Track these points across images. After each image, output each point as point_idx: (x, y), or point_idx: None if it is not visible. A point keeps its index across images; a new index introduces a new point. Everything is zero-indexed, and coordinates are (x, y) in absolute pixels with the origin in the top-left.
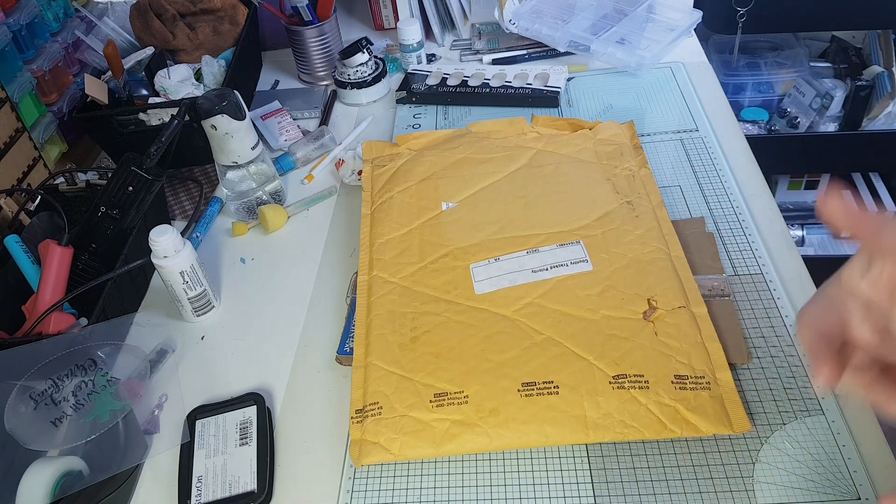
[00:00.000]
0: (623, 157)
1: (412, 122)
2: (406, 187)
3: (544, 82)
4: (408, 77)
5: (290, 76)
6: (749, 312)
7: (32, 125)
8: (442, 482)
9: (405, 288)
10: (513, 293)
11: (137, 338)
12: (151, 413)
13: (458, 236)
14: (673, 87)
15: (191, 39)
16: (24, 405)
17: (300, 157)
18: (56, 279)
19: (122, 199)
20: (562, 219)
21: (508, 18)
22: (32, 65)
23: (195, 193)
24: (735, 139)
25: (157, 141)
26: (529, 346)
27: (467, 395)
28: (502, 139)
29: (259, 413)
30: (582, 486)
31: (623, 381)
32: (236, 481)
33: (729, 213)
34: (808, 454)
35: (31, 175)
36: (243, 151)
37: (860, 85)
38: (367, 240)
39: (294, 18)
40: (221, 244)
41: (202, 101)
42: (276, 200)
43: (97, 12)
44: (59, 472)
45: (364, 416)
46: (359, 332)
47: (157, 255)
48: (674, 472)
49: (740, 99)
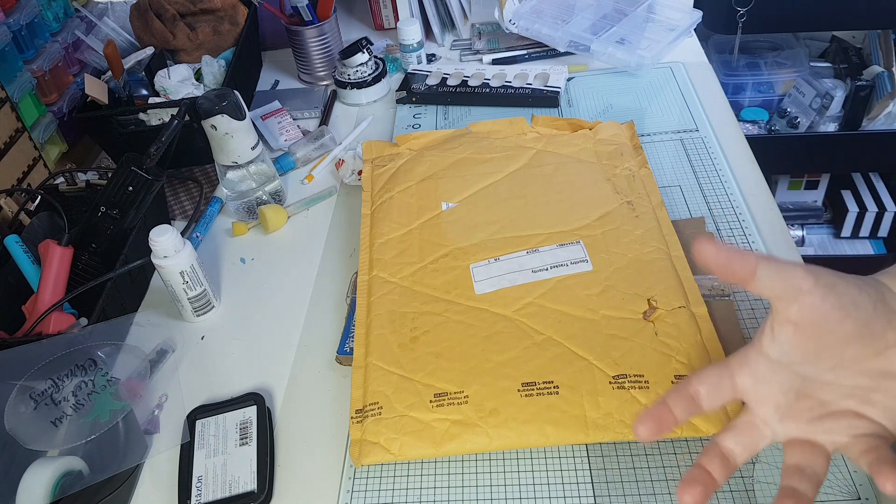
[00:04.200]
0: (623, 157)
1: (412, 122)
2: (406, 187)
3: (544, 82)
4: (408, 77)
5: (290, 76)
6: (749, 312)
7: (32, 125)
8: (442, 482)
9: (405, 288)
10: (513, 293)
11: (137, 338)
12: (151, 413)
13: (458, 236)
14: (673, 87)
15: (191, 39)
16: (24, 405)
17: (300, 157)
18: (56, 279)
19: (122, 199)
20: (562, 219)
21: (508, 18)
22: (32, 65)
23: (195, 193)
24: (735, 139)
25: (157, 141)
26: (529, 346)
27: (467, 395)
28: (502, 139)
29: (259, 413)
30: (582, 486)
31: (623, 381)
32: (236, 481)
33: (729, 213)
34: None
35: (31, 175)
36: (243, 151)
37: (860, 85)
38: (367, 240)
39: (294, 18)
40: (221, 244)
41: (202, 101)
42: (276, 200)
43: (97, 12)
44: (59, 472)
45: (364, 416)
46: (359, 332)
47: (157, 255)
48: (674, 472)
49: (740, 99)
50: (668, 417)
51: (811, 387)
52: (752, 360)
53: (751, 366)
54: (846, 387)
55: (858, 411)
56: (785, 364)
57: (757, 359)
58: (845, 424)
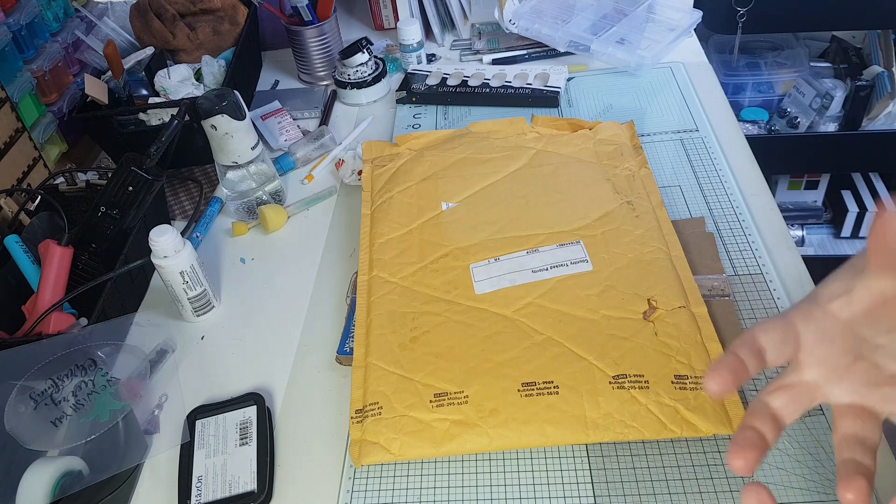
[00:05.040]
0: (623, 157)
1: (412, 122)
2: (406, 187)
3: (544, 82)
4: (408, 77)
5: (290, 76)
6: (749, 312)
7: (32, 125)
8: (442, 482)
9: (405, 288)
10: (513, 293)
11: (137, 338)
12: (151, 413)
13: (458, 236)
14: (673, 87)
15: (191, 39)
16: (24, 405)
17: (300, 157)
18: (56, 279)
19: (122, 199)
20: (562, 219)
21: (508, 18)
22: (32, 65)
23: (195, 193)
24: (735, 139)
25: (157, 141)
26: (529, 346)
27: (467, 395)
28: (502, 139)
29: (259, 413)
30: (582, 486)
31: (623, 381)
32: (236, 481)
33: (729, 213)
34: (808, 454)
35: (31, 175)
36: (243, 151)
37: (860, 85)
38: (367, 240)
39: (294, 18)
40: (221, 244)
41: (202, 101)
42: (276, 200)
43: (97, 12)
44: (59, 472)
45: (364, 416)
46: (359, 332)
47: (157, 255)
48: (674, 472)
49: (740, 99)
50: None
51: (866, 349)
52: (816, 317)
53: (817, 322)
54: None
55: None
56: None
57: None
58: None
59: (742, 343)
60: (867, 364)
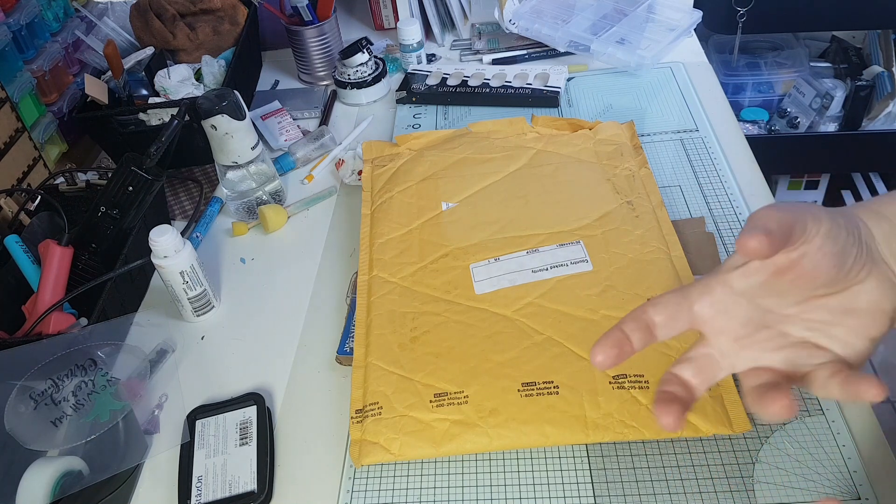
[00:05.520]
0: (623, 157)
1: (412, 122)
2: (406, 187)
3: (544, 82)
4: (408, 77)
5: (290, 76)
6: None
7: (32, 125)
8: (442, 482)
9: (405, 288)
10: (513, 293)
11: (137, 338)
12: (151, 413)
13: (458, 236)
14: (673, 87)
15: (191, 39)
16: (24, 405)
17: (300, 157)
18: (56, 279)
19: (122, 199)
20: (562, 219)
21: (508, 18)
22: (32, 65)
23: (195, 193)
24: (735, 139)
25: (157, 141)
26: (529, 346)
27: (467, 395)
28: (502, 139)
29: (259, 413)
30: (582, 486)
31: (623, 381)
32: (236, 481)
33: (729, 213)
34: (808, 454)
35: (31, 175)
36: (243, 151)
37: (860, 85)
38: (367, 240)
39: (294, 18)
40: (221, 244)
41: (202, 101)
42: (276, 200)
43: (97, 12)
44: (59, 472)
45: (364, 416)
46: (359, 332)
47: (157, 255)
48: (674, 472)
49: (740, 99)
50: (626, 345)
51: (771, 319)
52: (714, 290)
53: (713, 295)
54: (807, 320)
55: (818, 343)
56: (748, 296)
57: (720, 289)
58: (805, 354)
59: (630, 318)
60: (772, 332)
